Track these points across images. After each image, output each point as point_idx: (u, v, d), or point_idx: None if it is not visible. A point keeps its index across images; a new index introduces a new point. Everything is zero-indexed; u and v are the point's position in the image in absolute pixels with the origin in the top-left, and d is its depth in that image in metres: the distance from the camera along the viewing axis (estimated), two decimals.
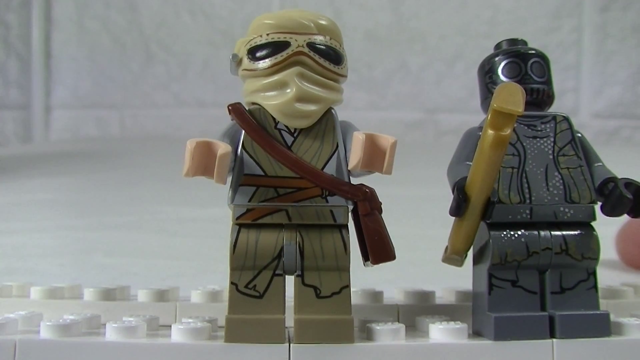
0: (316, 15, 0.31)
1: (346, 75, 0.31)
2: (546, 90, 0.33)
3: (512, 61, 0.33)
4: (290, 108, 0.29)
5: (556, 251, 0.30)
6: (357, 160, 0.28)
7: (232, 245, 0.29)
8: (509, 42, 0.35)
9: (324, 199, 0.29)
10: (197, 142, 0.27)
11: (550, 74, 0.34)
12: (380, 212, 0.30)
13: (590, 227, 0.31)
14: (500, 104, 0.26)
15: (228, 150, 0.27)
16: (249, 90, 0.31)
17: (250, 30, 0.31)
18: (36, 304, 0.35)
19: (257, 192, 0.29)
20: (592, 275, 0.31)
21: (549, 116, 0.33)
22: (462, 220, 0.30)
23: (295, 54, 0.30)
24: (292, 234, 0.29)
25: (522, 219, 0.31)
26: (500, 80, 0.33)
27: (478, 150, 0.28)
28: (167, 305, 0.35)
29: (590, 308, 0.30)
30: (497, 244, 0.30)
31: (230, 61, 0.31)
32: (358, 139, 0.28)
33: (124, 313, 0.33)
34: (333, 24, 0.31)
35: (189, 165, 0.27)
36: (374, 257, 0.29)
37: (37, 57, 1.66)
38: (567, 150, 0.32)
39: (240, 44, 0.31)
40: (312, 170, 0.29)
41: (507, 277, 0.31)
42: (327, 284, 0.29)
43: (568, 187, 0.31)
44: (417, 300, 0.36)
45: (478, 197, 0.29)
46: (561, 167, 0.31)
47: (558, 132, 0.32)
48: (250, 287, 0.29)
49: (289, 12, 0.31)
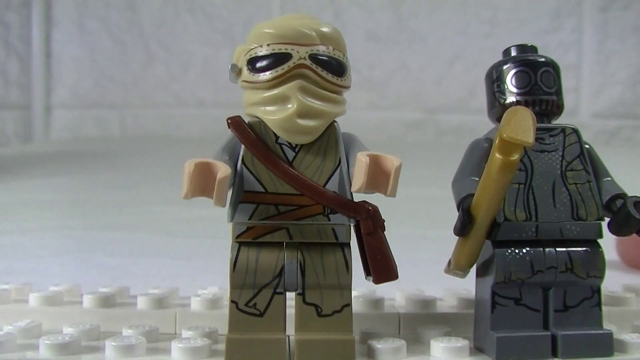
0: (318, 23, 0.30)
1: (349, 86, 0.30)
2: (555, 101, 0.32)
3: (521, 70, 0.32)
4: (291, 124, 0.28)
5: (561, 270, 0.30)
6: (359, 185, 0.27)
7: (232, 264, 0.28)
8: (518, 49, 0.33)
9: (325, 216, 0.28)
10: (195, 164, 0.26)
11: (560, 82, 0.32)
12: (383, 230, 0.29)
13: (596, 245, 0.31)
14: (510, 134, 0.25)
15: (227, 173, 0.26)
16: (249, 102, 0.30)
17: (249, 38, 0.30)
18: (35, 312, 0.34)
19: (257, 210, 0.28)
20: (596, 292, 0.30)
21: (558, 129, 0.31)
22: (467, 239, 0.29)
23: (297, 67, 0.28)
24: (293, 252, 0.28)
25: (527, 237, 0.30)
26: (508, 90, 0.32)
27: (486, 173, 0.27)
28: (166, 313, 0.34)
29: (593, 325, 0.30)
30: (501, 262, 0.30)
31: (229, 70, 0.30)
32: (361, 162, 0.27)
33: (123, 322, 0.33)
34: (336, 31, 0.30)
35: (187, 188, 0.25)
36: (376, 277, 0.29)
37: (37, 57, 1.66)
38: (576, 165, 0.31)
39: (239, 52, 0.30)
40: (313, 188, 0.28)
41: (510, 295, 0.30)
42: (328, 302, 0.28)
43: (575, 204, 0.30)
44: (418, 308, 0.36)
45: (484, 219, 0.28)
46: (569, 183, 0.31)
47: (567, 146, 0.31)
48: (250, 305, 0.28)
49: (290, 20, 0.30)
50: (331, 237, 0.29)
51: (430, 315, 0.35)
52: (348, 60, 0.30)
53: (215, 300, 0.35)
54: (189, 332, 0.31)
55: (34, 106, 1.68)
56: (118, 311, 0.35)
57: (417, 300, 0.36)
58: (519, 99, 0.31)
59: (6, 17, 1.67)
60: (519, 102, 0.31)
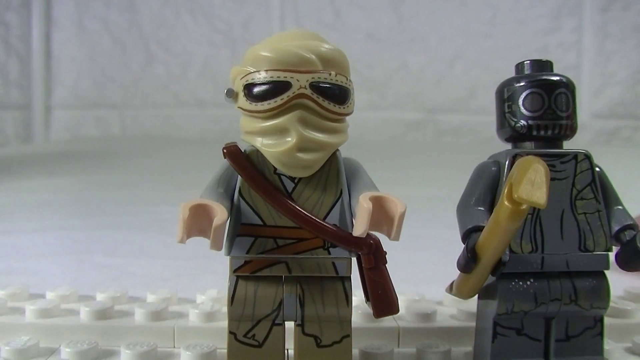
0: (319, 44, 0.28)
1: (352, 112, 0.29)
2: (569, 125, 0.30)
3: (534, 92, 0.30)
4: (290, 158, 0.27)
5: (565, 302, 0.29)
6: (360, 232, 0.25)
7: (230, 298, 0.28)
8: (532, 66, 0.31)
9: (325, 250, 0.27)
10: (190, 209, 0.25)
11: (575, 103, 0.31)
12: (385, 263, 0.28)
13: (603, 276, 0.30)
14: (522, 194, 0.24)
15: (224, 219, 0.25)
16: (246, 129, 0.28)
17: (246, 59, 0.28)
18: (31, 328, 0.34)
19: (255, 243, 0.27)
20: (599, 322, 0.30)
21: (570, 155, 0.30)
22: (470, 274, 0.29)
23: (296, 97, 0.27)
24: (293, 285, 0.28)
25: (532, 269, 0.29)
26: (520, 112, 0.30)
27: (494, 219, 0.26)
28: (165, 329, 0.34)
29: (593, 354, 0.30)
30: (504, 295, 0.29)
31: (224, 94, 0.28)
32: (363, 209, 0.25)
33: (121, 338, 0.33)
34: (339, 53, 0.28)
35: (181, 234, 0.24)
36: (377, 311, 0.28)
37: (37, 57, 1.66)
38: (586, 194, 0.30)
39: (235, 74, 0.28)
40: (313, 223, 0.27)
41: (512, 326, 0.30)
42: (328, 333, 0.28)
43: (583, 234, 0.29)
44: (418, 321, 0.35)
45: (489, 259, 0.28)
46: (578, 213, 0.29)
47: (578, 173, 0.30)
48: (249, 336, 0.28)
49: (289, 41, 0.28)
50: (331, 271, 0.28)
51: (430, 329, 0.35)
52: (351, 82, 0.29)
53: (212, 313, 0.35)
54: (187, 352, 0.31)
55: (34, 106, 1.68)
56: (116, 324, 0.34)
57: (418, 314, 0.36)
58: (531, 123, 0.30)
59: (6, 17, 1.67)
60: (531, 126, 0.30)
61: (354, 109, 0.29)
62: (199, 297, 0.39)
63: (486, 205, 0.30)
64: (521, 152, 0.29)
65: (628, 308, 0.37)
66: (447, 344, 0.33)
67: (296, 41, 0.28)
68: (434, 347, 0.32)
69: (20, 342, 0.32)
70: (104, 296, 0.38)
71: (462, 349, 0.33)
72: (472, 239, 0.28)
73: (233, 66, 0.29)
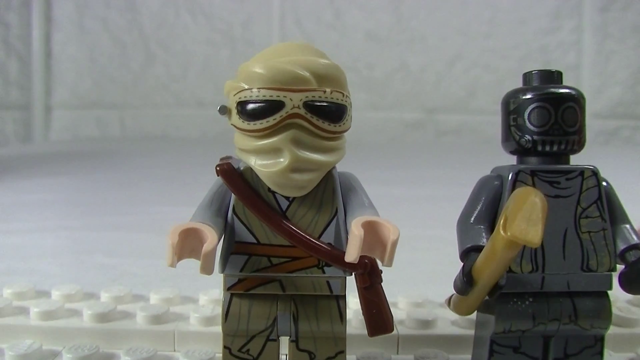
0: (315, 59, 0.27)
1: (348, 128, 0.28)
2: (577, 140, 0.29)
3: (541, 106, 0.29)
4: (284, 178, 0.26)
5: (564, 322, 0.28)
6: (352, 258, 0.25)
7: (224, 314, 0.28)
8: (540, 77, 0.30)
9: (320, 269, 0.27)
10: (179, 234, 0.25)
11: (584, 116, 0.29)
12: (380, 282, 0.28)
13: (605, 296, 0.29)
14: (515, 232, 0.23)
15: (213, 245, 0.25)
16: (240, 146, 0.28)
17: (239, 74, 0.28)
18: (34, 331, 0.35)
19: (249, 261, 0.27)
20: (599, 341, 0.29)
21: (576, 171, 0.29)
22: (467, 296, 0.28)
23: (289, 116, 0.26)
24: (287, 303, 0.28)
25: (532, 289, 0.28)
26: (525, 127, 0.29)
27: (490, 247, 0.25)
28: (165, 333, 0.34)
29: None
30: (502, 315, 0.28)
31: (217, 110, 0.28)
32: (354, 236, 0.24)
33: (122, 342, 0.34)
34: (334, 68, 0.27)
35: (170, 259, 0.24)
36: (371, 330, 0.28)
37: (37, 57, 1.66)
38: (591, 212, 0.29)
39: (228, 89, 0.28)
40: (308, 242, 0.27)
41: (509, 344, 0.29)
42: (322, 349, 0.28)
43: (586, 254, 0.28)
44: (418, 328, 0.35)
45: (485, 283, 0.27)
46: (582, 231, 0.28)
47: (584, 190, 0.29)
48: (243, 351, 0.28)
49: (283, 56, 0.27)
50: (325, 289, 0.28)
51: (429, 336, 0.35)
52: (348, 97, 0.28)
53: (212, 317, 0.35)
54: (186, 359, 0.31)
55: (34, 106, 1.68)
56: (117, 330, 0.35)
57: (417, 319, 0.35)
58: (536, 138, 0.29)
59: (6, 17, 1.67)
60: (536, 141, 0.29)
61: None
62: (202, 297, 0.39)
63: (486, 223, 0.29)
64: (525, 169, 0.29)
65: (634, 317, 0.35)
66: (447, 352, 0.33)
67: (291, 56, 0.27)
68: (432, 356, 0.32)
69: (23, 346, 0.32)
70: (107, 296, 0.39)
71: (462, 357, 0.33)
72: (469, 261, 0.27)
73: (228, 80, 0.28)
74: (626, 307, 0.37)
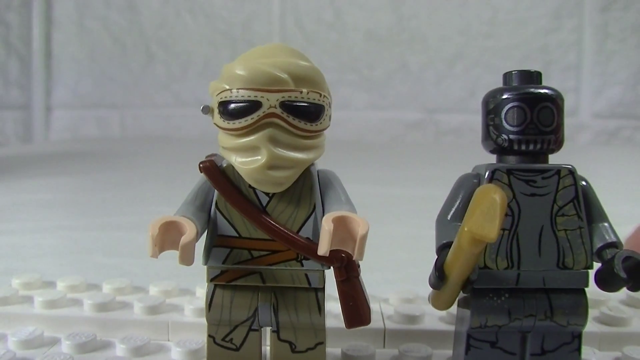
0: (293, 62, 0.28)
1: (327, 127, 0.29)
2: (552, 140, 0.29)
3: (517, 106, 0.29)
4: (262, 175, 0.27)
5: (540, 318, 0.29)
6: (323, 251, 0.26)
7: (208, 304, 0.29)
8: (519, 77, 0.30)
9: (299, 262, 0.28)
10: (159, 227, 0.26)
11: (562, 116, 0.30)
12: (357, 276, 0.28)
13: (582, 293, 0.29)
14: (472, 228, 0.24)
15: (191, 237, 0.26)
16: (223, 144, 0.29)
17: (222, 75, 0.29)
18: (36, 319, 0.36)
19: (231, 254, 0.29)
20: (577, 338, 0.29)
21: (552, 170, 0.29)
22: (441, 291, 0.29)
23: (266, 116, 0.27)
24: (267, 294, 0.29)
25: (507, 285, 0.29)
26: (502, 126, 0.29)
27: (457, 242, 0.26)
28: (160, 323, 0.36)
29: None
30: (478, 310, 0.29)
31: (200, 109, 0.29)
32: (324, 230, 0.25)
33: (118, 331, 0.35)
34: (312, 69, 0.28)
35: (151, 250, 0.26)
36: (348, 322, 0.29)
37: (37, 57, 1.67)
38: (568, 210, 0.29)
39: (213, 89, 0.29)
40: (286, 236, 0.28)
41: (486, 339, 0.29)
42: (302, 340, 0.29)
43: (562, 252, 0.29)
44: (405, 323, 0.36)
45: (456, 278, 0.27)
46: (558, 229, 0.29)
47: (560, 189, 0.29)
48: (227, 340, 0.29)
49: (263, 58, 0.28)
50: (304, 282, 0.29)
51: (415, 331, 0.35)
52: (327, 98, 0.29)
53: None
54: (178, 348, 0.33)
55: (34, 106, 1.68)
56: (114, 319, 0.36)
57: (404, 314, 0.36)
58: (512, 138, 0.29)
59: (6, 17, 1.67)
60: (512, 140, 0.29)
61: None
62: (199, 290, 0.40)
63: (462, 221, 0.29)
64: (501, 168, 0.29)
65: (623, 316, 0.36)
66: (431, 347, 0.33)
67: (271, 58, 0.28)
68: (415, 350, 0.32)
69: (26, 332, 0.34)
70: (109, 287, 0.40)
71: (446, 352, 0.33)
72: (442, 256, 0.28)
73: (212, 81, 0.29)
74: (616, 306, 0.38)
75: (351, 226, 0.26)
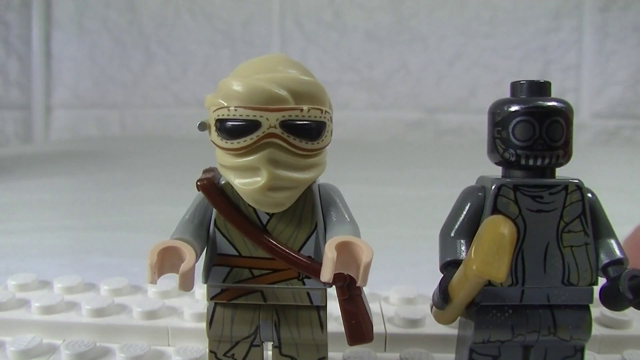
0: (292, 77, 0.27)
1: (328, 144, 0.28)
2: (561, 154, 0.28)
3: (525, 120, 0.28)
4: (262, 196, 0.27)
5: (543, 333, 0.28)
6: (326, 278, 0.25)
7: (209, 321, 0.29)
8: (528, 88, 0.29)
9: (300, 281, 0.28)
10: (158, 253, 0.25)
11: (571, 129, 0.29)
12: (359, 294, 0.28)
13: (586, 309, 0.29)
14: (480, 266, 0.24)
15: (191, 265, 0.25)
16: (221, 162, 0.28)
17: (219, 90, 0.28)
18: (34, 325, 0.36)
19: (231, 273, 0.28)
20: (579, 351, 0.29)
21: (560, 185, 0.28)
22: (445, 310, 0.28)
23: (266, 136, 0.26)
24: (269, 312, 0.29)
25: (511, 302, 0.28)
26: (509, 140, 0.28)
27: (462, 271, 0.26)
28: (159, 329, 0.35)
29: None
30: (481, 326, 0.28)
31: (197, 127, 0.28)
32: (328, 259, 0.25)
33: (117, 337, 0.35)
34: (312, 83, 0.27)
35: (150, 277, 0.25)
36: (351, 339, 0.28)
37: (37, 57, 1.67)
38: (574, 226, 0.28)
39: (209, 104, 0.28)
40: (287, 256, 0.27)
41: (488, 353, 0.29)
42: (304, 355, 0.29)
43: (567, 268, 0.28)
44: (406, 327, 0.36)
45: (460, 301, 0.27)
46: (564, 246, 0.28)
47: (567, 205, 0.28)
48: (228, 355, 0.29)
49: (263, 74, 0.27)
50: (306, 300, 0.28)
51: (416, 336, 0.35)
52: (329, 112, 0.28)
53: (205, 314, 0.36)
54: (178, 357, 0.32)
55: (34, 106, 1.68)
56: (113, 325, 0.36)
57: (406, 318, 0.36)
58: (519, 153, 0.28)
59: (6, 17, 1.67)
60: (519, 155, 0.28)
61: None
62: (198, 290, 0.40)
63: (468, 237, 0.29)
64: (507, 184, 0.28)
65: (623, 319, 0.35)
66: (433, 351, 0.33)
67: (269, 73, 0.27)
68: (417, 356, 0.32)
69: (25, 341, 0.34)
70: (106, 288, 0.40)
71: (448, 356, 0.33)
72: (447, 276, 0.27)
73: (207, 95, 0.28)
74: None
75: (356, 252, 0.25)
